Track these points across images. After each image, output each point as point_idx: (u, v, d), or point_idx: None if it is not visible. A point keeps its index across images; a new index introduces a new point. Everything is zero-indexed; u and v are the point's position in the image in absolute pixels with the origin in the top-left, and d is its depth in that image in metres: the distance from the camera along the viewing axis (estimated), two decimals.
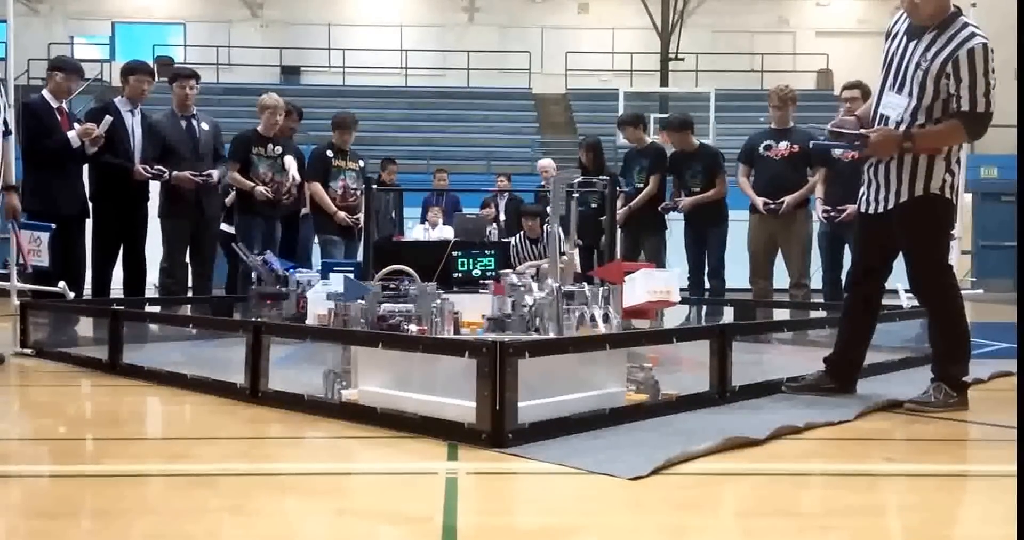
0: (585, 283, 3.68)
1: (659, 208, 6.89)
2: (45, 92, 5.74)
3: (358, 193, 6.79)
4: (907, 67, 3.50)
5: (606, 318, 3.49)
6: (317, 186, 6.74)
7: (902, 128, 3.49)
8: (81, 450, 3.01)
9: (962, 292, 3.71)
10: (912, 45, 3.50)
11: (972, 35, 3.38)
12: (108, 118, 5.67)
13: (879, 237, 3.67)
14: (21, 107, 5.65)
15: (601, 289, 3.60)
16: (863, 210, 3.70)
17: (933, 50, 3.42)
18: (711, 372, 3.57)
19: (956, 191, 3.57)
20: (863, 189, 3.70)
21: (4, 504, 2.35)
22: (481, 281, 5.12)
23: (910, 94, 3.49)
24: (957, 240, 5.08)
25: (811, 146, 5.79)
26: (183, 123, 6.15)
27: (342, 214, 6.72)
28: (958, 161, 3.57)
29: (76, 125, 5.69)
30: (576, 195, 4.16)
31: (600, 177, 6.40)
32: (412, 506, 2.27)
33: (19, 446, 3.09)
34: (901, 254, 3.65)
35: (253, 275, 5.31)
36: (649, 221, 6.93)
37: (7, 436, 3.25)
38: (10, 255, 5.29)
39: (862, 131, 3.58)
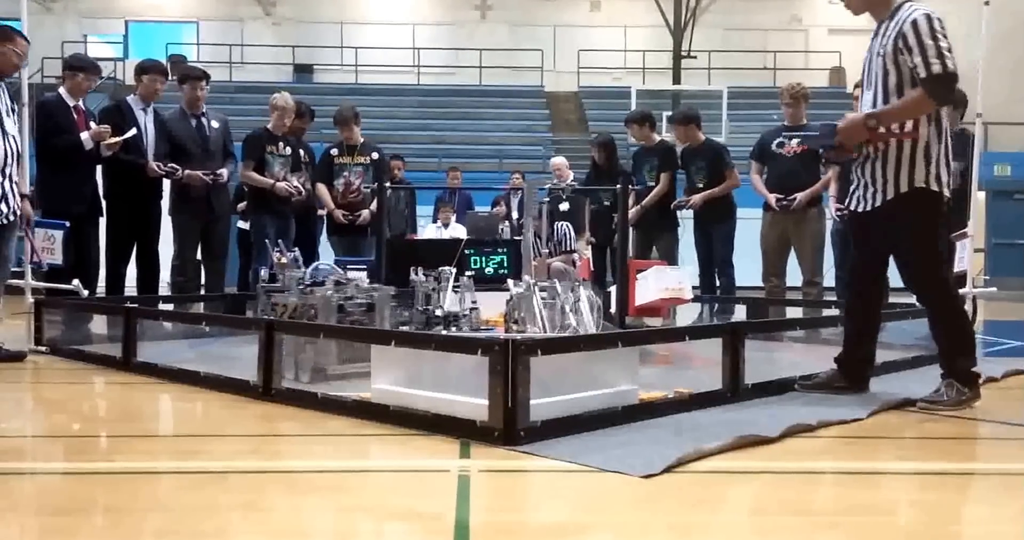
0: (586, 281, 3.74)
1: (672, 206, 6.88)
2: (61, 90, 5.74)
3: (363, 187, 6.76)
4: (871, 62, 3.61)
5: (577, 310, 3.56)
6: (320, 187, 6.76)
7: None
8: (94, 447, 3.02)
9: (978, 290, 3.69)
10: (873, 42, 3.61)
11: (915, 10, 3.47)
12: (133, 130, 5.71)
13: (872, 235, 3.67)
14: (37, 106, 5.67)
15: (572, 284, 3.67)
16: (853, 209, 3.71)
17: (886, 35, 3.53)
18: (723, 370, 3.55)
19: (944, 183, 3.52)
20: (852, 188, 3.72)
21: (18, 501, 2.37)
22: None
23: (876, 85, 3.55)
24: (970, 238, 5.04)
25: (801, 139, 5.81)
26: (192, 121, 6.17)
27: (338, 212, 6.72)
28: (946, 154, 3.52)
29: (92, 123, 5.71)
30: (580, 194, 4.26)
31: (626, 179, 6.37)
32: (424, 503, 2.27)
33: (33, 443, 3.11)
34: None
35: (264, 272, 5.32)
36: (661, 219, 6.91)
37: (21, 433, 3.28)
38: (24, 253, 5.33)
39: (829, 123, 3.63)
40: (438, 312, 3.79)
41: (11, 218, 4.78)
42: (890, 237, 3.60)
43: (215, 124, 6.26)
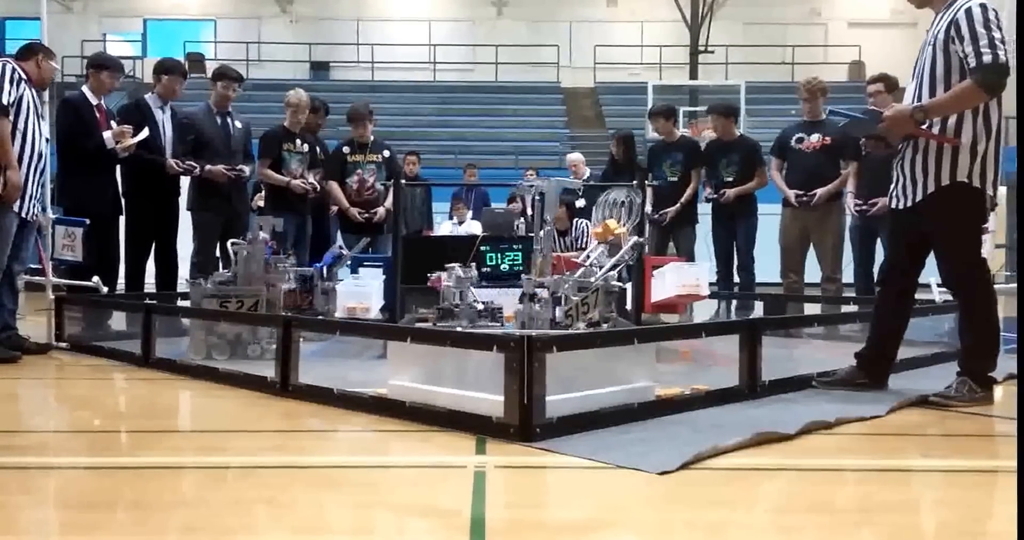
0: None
1: (704, 198, 6.85)
2: (85, 89, 5.77)
3: (377, 186, 6.76)
4: (921, 55, 3.54)
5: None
6: (332, 184, 6.75)
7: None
8: (119, 442, 3.05)
9: (997, 286, 3.66)
10: (927, 34, 3.55)
11: (970, 1, 3.40)
12: (145, 131, 5.75)
13: (910, 232, 3.63)
14: (60, 103, 5.71)
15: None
16: (893, 206, 3.67)
17: (938, 26, 3.47)
18: (741, 367, 3.54)
19: (988, 181, 3.46)
20: (892, 184, 3.67)
21: (43, 496, 2.40)
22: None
23: (921, 75, 3.50)
24: (991, 234, 5.00)
25: (828, 112, 5.73)
26: (218, 119, 6.21)
27: (353, 211, 6.71)
28: (995, 150, 3.45)
29: (113, 123, 5.75)
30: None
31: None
32: (441, 499, 2.29)
33: (56, 438, 3.15)
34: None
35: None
36: (682, 215, 6.88)
37: (44, 428, 3.32)
38: (45, 250, 5.38)
39: (875, 110, 3.58)
40: (444, 305, 3.81)
41: (32, 217, 4.84)
42: (929, 233, 3.55)
43: (238, 124, 6.30)
